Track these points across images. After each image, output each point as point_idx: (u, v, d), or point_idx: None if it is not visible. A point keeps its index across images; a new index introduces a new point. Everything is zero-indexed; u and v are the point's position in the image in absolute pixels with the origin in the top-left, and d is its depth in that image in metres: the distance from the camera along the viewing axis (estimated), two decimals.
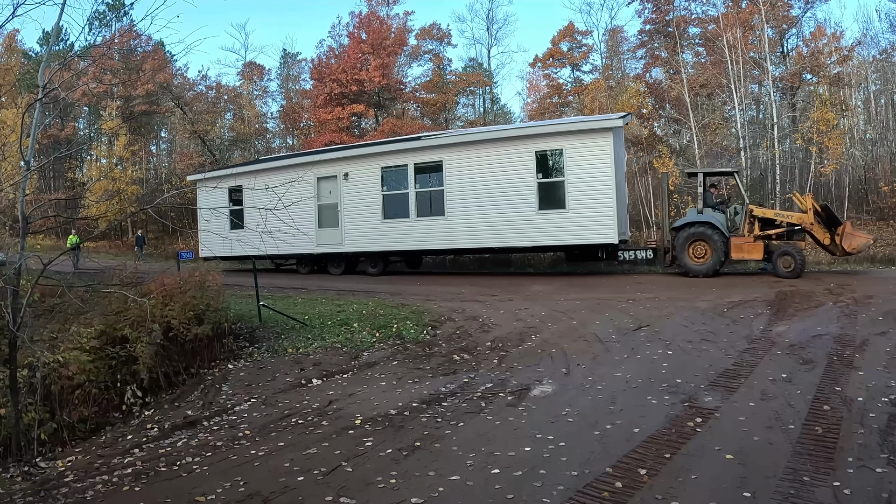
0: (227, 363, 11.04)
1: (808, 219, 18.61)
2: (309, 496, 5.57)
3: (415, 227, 22.14)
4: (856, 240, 18.63)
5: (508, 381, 8.98)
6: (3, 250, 11.40)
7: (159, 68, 50.17)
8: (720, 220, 19.26)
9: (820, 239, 18.78)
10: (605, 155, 19.28)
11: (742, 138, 33.21)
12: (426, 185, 22.21)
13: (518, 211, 20.31)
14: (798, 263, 18.01)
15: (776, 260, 18.36)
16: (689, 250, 19.15)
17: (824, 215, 18.88)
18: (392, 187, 22.73)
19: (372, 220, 22.80)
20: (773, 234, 19.06)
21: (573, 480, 5.53)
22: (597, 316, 13.13)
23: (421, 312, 14.19)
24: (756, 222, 19.23)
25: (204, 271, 12.66)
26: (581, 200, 19.45)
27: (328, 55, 50.81)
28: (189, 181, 30.45)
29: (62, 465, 7.32)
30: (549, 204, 20.05)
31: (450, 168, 21.57)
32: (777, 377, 8.23)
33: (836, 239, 18.37)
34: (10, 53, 53.31)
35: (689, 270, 18.99)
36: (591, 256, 21.61)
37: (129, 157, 48.34)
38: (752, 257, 19.03)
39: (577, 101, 47.91)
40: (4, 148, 21.42)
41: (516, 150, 20.60)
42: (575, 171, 19.57)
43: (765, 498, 5.04)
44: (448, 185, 21.52)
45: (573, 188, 19.59)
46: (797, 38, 40.39)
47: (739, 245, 18.87)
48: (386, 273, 23.73)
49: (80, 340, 9.82)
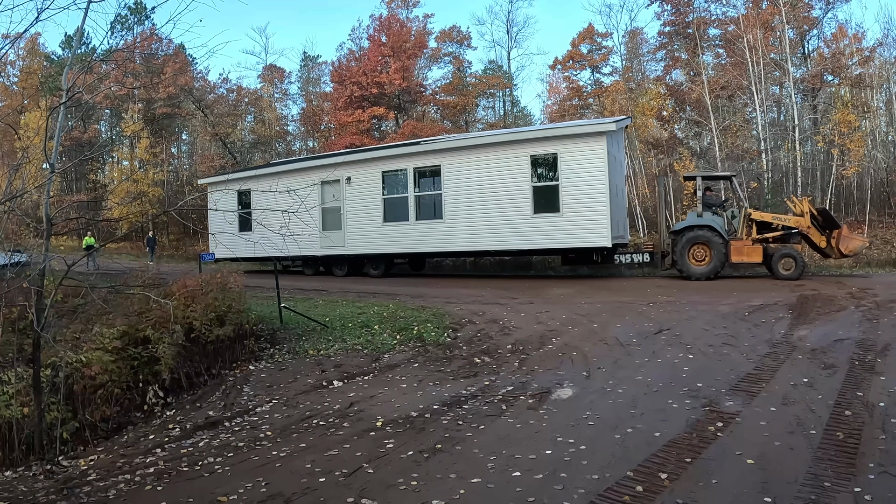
0: (248, 364, 11.09)
1: (805, 222, 19.01)
2: (330, 497, 5.58)
3: (414, 230, 22.63)
4: (852, 242, 19.09)
5: (529, 384, 8.97)
6: (26, 251, 11.50)
7: (181, 71, 50.48)
8: (720, 223, 19.60)
9: (816, 242, 19.13)
10: (599, 159, 19.57)
11: (763, 140, 33.02)
12: (425, 189, 22.70)
13: (513, 214, 20.76)
14: (799, 266, 18.43)
15: (776, 262, 18.70)
16: (689, 253, 19.44)
17: (821, 219, 19.20)
18: (392, 191, 23.21)
19: (373, 223, 23.24)
20: (770, 237, 19.45)
21: (594, 484, 5.52)
22: (617, 319, 13.11)
23: (441, 315, 14.22)
24: (754, 225, 19.62)
25: (226, 273, 12.74)
26: (575, 204, 19.80)
27: (348, 58, 51.03)
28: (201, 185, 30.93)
29: (84, 464, 7.37)
30: (543, 208, 20.43)
31: (448, 172, 22.02)
32: (798, 382, 8.17)
33: (833, 242, 18.74)
34: (32, 57, 53.87)
35: (690, 273, 19.29)
36: (587, 259, 21.99)
37: (151, 160, 48.70)
38: (752, 260, 19.37)
39: (598, 104, 47.77)
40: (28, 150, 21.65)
41: (512, 154, 21.06)
42: (569, 176, 19.95)
43: (786, 503, 5.01)
44: (446, 189, 22.00)
45: (567, 192, 19.95)
46: (818, 39, 40.13)
47: (739, 248, 19.24)
48: (390, 275, 24.11)
49: (103, 341, 9.91)
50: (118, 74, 44.59)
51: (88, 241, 33.50)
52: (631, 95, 42.08)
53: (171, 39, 50.15)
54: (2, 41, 11.49)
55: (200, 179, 33.40)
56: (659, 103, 38.33)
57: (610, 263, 21.77)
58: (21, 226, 15.36)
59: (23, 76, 52.78)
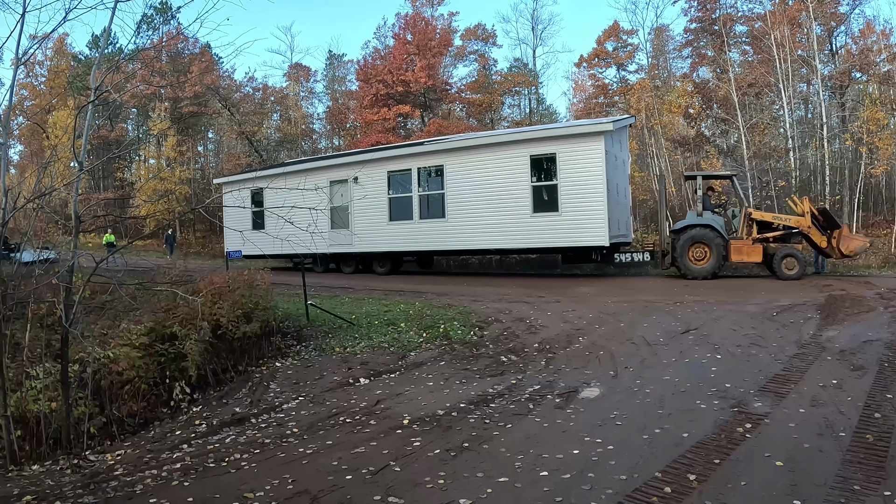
0: (274, 361, 11.14)
1: (805, 222, 19.12)
2: (357, 495, 5.58)
3: (418, 229, 23.13)
4: (853, 242, 19.17)
5: (556, 383, 8.94)
6: (54, 248, 11.60)
7: (206, 70, 50.82)
8: (720, 222, 19.79)
9: (816, 242, 19.23)
10: (597, 159, 19.81)
11: (791, 138, 32.71)
12: (428, 188, 23.09)
13: (514, 214, 21.15)
14: (801, 265, 18.56)
15: (778, 262, 18.77)
16: (689, 253, 19.58)
17: (822, 219, 19.31)
18: (398, 190, 23.69)
19: (379, 221, 23.66)
20: (770, 236, 19.57)
21: (622, 484, 5.48)
22: (644, 319, 13.04)
23: (468, 313, 14.22)
24: (754, 225, 19.74)
25: (253, 270, 12.81)
26: (573, 204, 20.11)
27: (374, 56, 51.11)
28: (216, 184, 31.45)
29: (111, 459, 7.42)
30: (542, 207, 20.80)
31: (450, 172, 22.47)
32: (827, 383, 8.08)
33: (833, 242, 18.83)
34: (60, 57, 54.47)
35: (690, 272, 19.42)
36: (586, 258, 22.28)
37: (178, 158, 49.06)
38: (752, 260, 19.53)
39: (623, 101, 47.57)
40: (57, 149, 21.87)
41: (512, 154, 21.42)
42: (567, 175, 20.26)
43: None
44: (448, 189, 22.44)
45: (566, 192, 20.27)
46: (846, 36, 39.64)
47: (739, 248, 19.40)
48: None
49: (130, 337, 10.00)
50: (145, 73, 45.02)
51: (108, 239, 33.88)
52: (657, 93, 41.81)
53: (196, 38, 50.65)
54: (29, 41, 11.60)
55: (216, 179, 34.28)
56: (685, 101, 38.08)
57: (610, 262, 22.09)
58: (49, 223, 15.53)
59: (50, 76, 53.39)
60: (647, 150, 41.70)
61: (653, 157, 41.09)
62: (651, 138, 41.55)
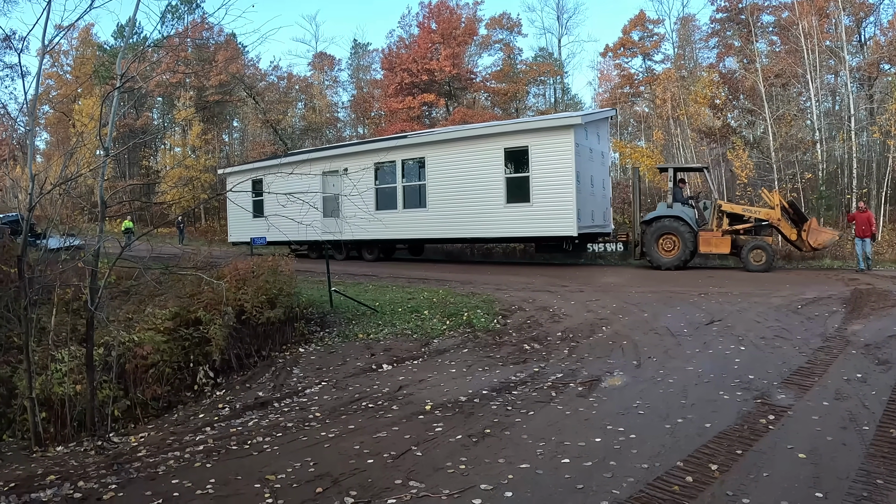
0: (298, 347, 11.22)
1: (776, 215, 19.45)
2: (378, 478, 5.60)
3: (401, 218, 23.96)
4: (821, 236, 19.50)
5: (579, 371, 8.93)
6: (80, 234, 11.72)
7: (231, 59, 51.02)
8: (689, 214, 20.29)
9: (787, 234, 19.66)
10: (566, 151, 20.35)
11: (818, 130, 32.36)
12: (411, 179, 23.97)
13: (488, 204, 21.95)
14: (769, 257, 18.98)
15: (747, 254, 19.16)
16: (658, 243, 20.14)
17: (791, 211, 19.68)
18: (383, 181, 24.52)
19: (366, 211, 23.66)
20: (740, 228, 19.89)
21: (643, 473, 5.47)
22: (668, 309, 12.98)
23: (491, 301, 14.23)
24: (724, 217, 20.14)
25: (277, 256, 12.89)
26: (544, 195, 20.77)
27: (398, 45, 51.19)
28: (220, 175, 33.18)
29: (135, 441, 7.51)
30: (515, 198, 21.50)
31: (431, 164, 23.30)
32: (852, 377, 8.01)
33: (803, 235, 19.18)
34: (85, 47, 54.93)
35: (658, 263, 19.99)
36: (558, 248, 22.96)
37: (203, 146, 49.35)
38: (720, 251, 20.03)
39: (649, 91, 47.28)
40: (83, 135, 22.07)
41: (487, 147, 22.14)
42: (539, 167, 20.90)
43: (837, 499, 4.90)
44: (429, 180, 23.32)
45: (537, 183, 20.92)
46: (874, 27, 39.17)
47: (707, 239, 19.87)
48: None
49: (155, 321, 10.11)
50: (170, 62, 45.26)
51: (127, 225, 34.21)
52: (683, 83, 41.48)
53: (221, 27, 50.80)
54: (55, 30, 11.69)
55: (220, 170, 35.14)
56: (711, 91, 37.77)
57: (583, 252, 22.96)
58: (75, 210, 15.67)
59: (76, 65, 53.80)
60: (673, 141, 41.42)
61: (678, 147, 40.78)
62: (677, 129, 41.24)
